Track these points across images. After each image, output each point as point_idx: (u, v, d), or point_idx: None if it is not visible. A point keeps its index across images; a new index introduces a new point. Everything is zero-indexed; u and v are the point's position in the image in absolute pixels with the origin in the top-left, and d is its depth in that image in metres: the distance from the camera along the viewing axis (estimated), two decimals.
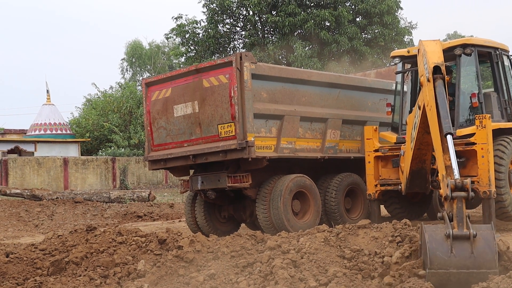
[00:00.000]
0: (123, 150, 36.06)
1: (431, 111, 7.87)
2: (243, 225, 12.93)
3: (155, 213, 19.09)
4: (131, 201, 22.37)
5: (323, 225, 9.42)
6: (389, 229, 7.82)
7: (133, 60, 63.41)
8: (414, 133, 9.19)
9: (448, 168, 7.12)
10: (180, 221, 16.64)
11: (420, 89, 12.33)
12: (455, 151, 10.60)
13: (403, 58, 12.08)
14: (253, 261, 7.52)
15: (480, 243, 6.44)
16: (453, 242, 6.37)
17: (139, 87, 45.02)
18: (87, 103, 46.89)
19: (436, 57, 8.31)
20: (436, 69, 8.13)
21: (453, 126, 11.11)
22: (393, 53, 12.39)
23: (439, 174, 7.32)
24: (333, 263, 7.31)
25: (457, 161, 10.68)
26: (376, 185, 11.85)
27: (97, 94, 45.66)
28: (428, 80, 8.08)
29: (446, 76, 8.14)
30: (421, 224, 6.79)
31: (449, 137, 7.35)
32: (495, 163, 10.68)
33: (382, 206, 12.98)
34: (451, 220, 6.52)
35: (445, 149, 7.35)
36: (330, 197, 12.30)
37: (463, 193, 6.62)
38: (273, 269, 7.05)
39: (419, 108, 8.76)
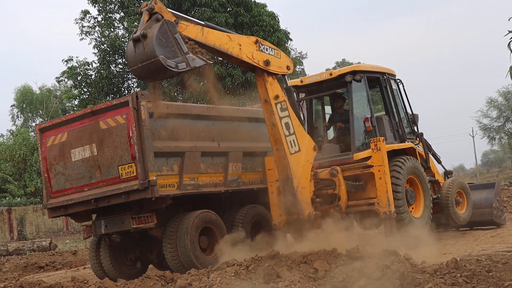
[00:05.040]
0: (19, 199, 34.69)
1: None
2: (151, 266, 12.69)
3: (57, 262, 18.40)
4: (31, 252, 21.51)
5: (232, 259, 9.42)
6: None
7: (24, 106, 61.49)
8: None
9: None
10: (85, 268, 16.13)
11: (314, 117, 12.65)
12: (354, 175, 11.05)
13: (296, 88, 12.36)
14: None
15: (148, 41, 8.68)
16: (134, 44, 8.79)
17: (32, 133, 43.64)
18: None
19: None
20: None
21: (349, 151, 11.47)
22: None
23: None
24: None
25: (356, 185, 11.10)
26: (281, 215, 11.95)
27: None
28: None
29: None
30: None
31: None
32: (392, 183, 11.03)
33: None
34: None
35: None
36: (236, 230, 12.30)
37: (147, 7, 8.93)
38: None
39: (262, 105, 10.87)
